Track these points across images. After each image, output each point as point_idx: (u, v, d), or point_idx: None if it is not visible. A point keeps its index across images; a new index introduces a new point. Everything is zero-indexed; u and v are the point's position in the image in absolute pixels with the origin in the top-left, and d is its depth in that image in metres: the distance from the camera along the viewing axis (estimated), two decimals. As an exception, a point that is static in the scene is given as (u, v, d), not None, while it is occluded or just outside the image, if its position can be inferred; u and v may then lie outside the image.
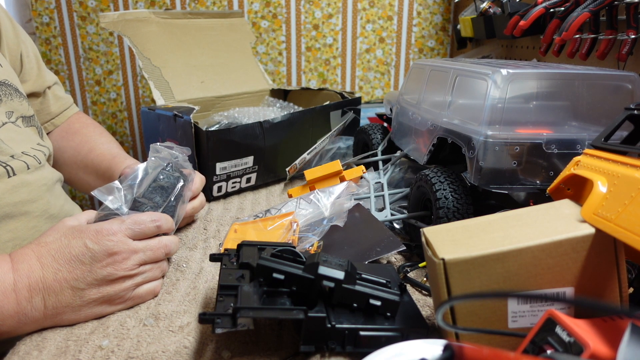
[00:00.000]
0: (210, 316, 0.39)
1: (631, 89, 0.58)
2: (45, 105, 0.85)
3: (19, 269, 0.47)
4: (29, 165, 0.67)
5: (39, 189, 0.68)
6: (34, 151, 0.70)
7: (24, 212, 0.65)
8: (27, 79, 0.80)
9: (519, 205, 0.67)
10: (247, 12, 1.55)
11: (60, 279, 0.47)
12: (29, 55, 0.81)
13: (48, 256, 0.48)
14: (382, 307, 0.44)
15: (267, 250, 0.47)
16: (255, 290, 0.44)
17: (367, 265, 0.55)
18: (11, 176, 0.64)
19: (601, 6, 0.76)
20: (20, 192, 0.65)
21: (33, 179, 0.67)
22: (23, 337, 0.47)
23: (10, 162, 0.64)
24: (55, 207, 0.70)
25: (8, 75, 0.71)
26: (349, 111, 1.06)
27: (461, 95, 0.65)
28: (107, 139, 0.87)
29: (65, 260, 0.47)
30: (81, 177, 0.83)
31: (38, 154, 0.70)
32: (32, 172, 0.67)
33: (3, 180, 0.62)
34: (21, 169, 0.65)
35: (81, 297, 0.48)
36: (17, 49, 0.78)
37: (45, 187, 0.69)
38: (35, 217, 0.66)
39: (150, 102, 1.62)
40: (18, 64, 0.78)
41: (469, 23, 1.19)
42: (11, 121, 0.69)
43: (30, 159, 0.68)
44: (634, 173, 0.38)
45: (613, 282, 0.39)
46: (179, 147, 0.63)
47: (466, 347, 0.28)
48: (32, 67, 0.81)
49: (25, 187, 0.65)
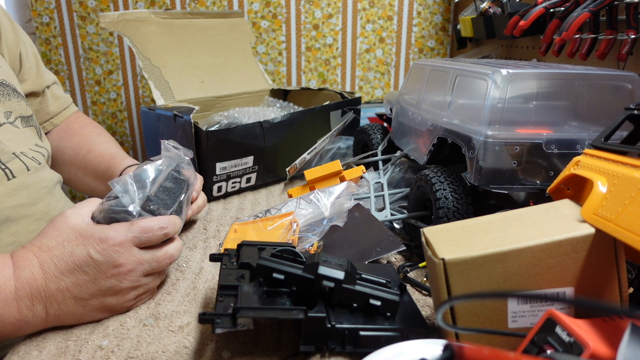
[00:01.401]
0: (210, 316, 0.39)
1: (631, 89, 0.58)
2: (44, 105, 0.84)
3: (21, 276, 0.45)
4: (28, 167, 0.66)
5: (39, 192, 0.67)
6: (33, 152, 0.70)
7: (24, 215, 0.64)
8: (26, 79, 0.80)
9: (519, 205, 0.67)
10: (247, 12, 1.55)
11: (62, 288, 0.46)
12: (28, 55, 0.81)
13: (51, 264, 0.46)
14: (382, 307, 0.44)
15: (267, 250, 0.47)
16: (255, 290, 0.43)
17: (367, 265, 0.55)
18: (10, 179, 0.63)
19: (601, 6, 0.76)
20: (20, 195, 0.64)
21: (33, 182, 0.66)
22: (23, 337, 0.47)
23: (9, 163, 0.64)
24: (55, 209, 0.70)
25: (6, 75, 0.71)
26: (349, 111, 1.05)
27: (461, 95, 0.65)
28: (106, 138, 0.87)
29: (68, 270, 0.46)
30: (80, 177, 0.83)
31: (37, 155, 0.70)
32: (31, 174, 0.66)
33: (2, 183, 0.62)
34: (20, 171, 0.65)
35: (83, 306, 0.47)
36: (16, 48, 0.78)
37: (46, 190, 0.69)
38: (36, 220, 0.66)
39: (150, 102, 1.62)
40: (17, 63, 0.78)
41: (469, 23, 1.19)
42: (9, 122, 0.68)
43: (29, 161, 0.67)
44: (634, 173, 0.38)
45: (613, 282, 0.39)
46: (183, 148, 0.62)
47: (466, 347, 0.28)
48: (31, 67, 0.81)
49: (25, 190, 0.65)
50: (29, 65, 0.80)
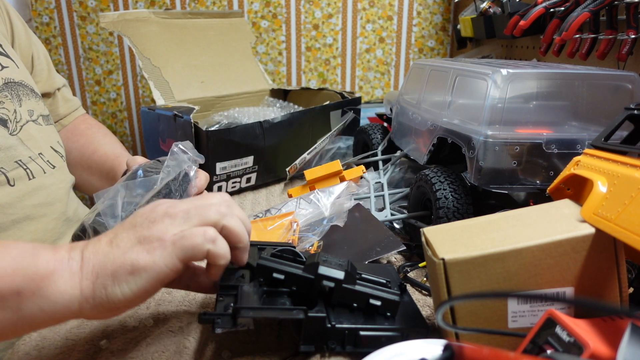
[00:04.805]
0: (211, 316, 0.39)
1: (631, 89, 0.58)
2: (55, 107, 0.85)
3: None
4: (48, 166, 0.68)
5: (57, 192, 0.69)
6: (52, 151, 0.71)
7: (42, 214, 0.66)
8: (38, 80, 0.81)
9: (519, 205, 0.67)
10: (247, 12, 1.55)
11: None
12: (40, 57, 0.82)
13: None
14: (382, 307, 0.44)
15: (267, 250, 0.47)
16: (255, 290, 0.43)
17: (367, 265, 0.55)
18: (31, 179, 0.65)
19: (601, 6, 0.76)
20: (39, 195, 0.66)
21: (50, 182, 0.68)
22: (22, 337, 0.47)
23: (30, 164, 0.65)
24: (70, 209, 0.72)
25: (24, 76, 0.72)
26: (349, 111, 1.05)
27: (461, 95, 0.65)
28: (110, 139, 0.88)
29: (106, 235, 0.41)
30: (85, 177, 0.84)
31: (56, 156, 0.72)
32: (49, 175, 0.68)
33: (24, 182, 0.64)
34: (39, 171, 0.66)
35: (117, 245, 0.39)
36: (28, 50, 0.79)
37: (63, 190, 0.71)
38: (54, 219, 0.68)
39: (150, 102, 1.62)
40: (29, 65, 0.80)
41: (469, 23, 1.19)
42: (32, 119, 0.70)
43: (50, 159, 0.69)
44: (634, 173, 0.38)
45: (613, 282, 0.39)
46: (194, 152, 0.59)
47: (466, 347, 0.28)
48: (43, 69, 0.82)
49: (44, 190, 0.66)
50: (41, 68, 0.81)
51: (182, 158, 0.58)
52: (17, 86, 0.69)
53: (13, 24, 0.77)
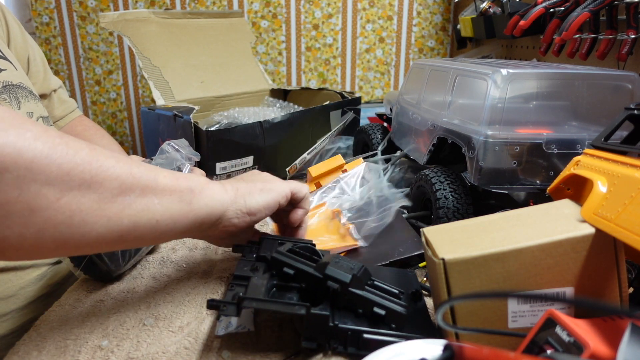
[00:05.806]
0: (218, 303, 0.40)
1: (631, 89, 0.58)
2: (51, 109, 0.85)
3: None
4: None
5: None
6: None
7: None
8: (34, 82, 0.81)
9: (519, 205, 0.67)
10: (247, 12, 1.55)
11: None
12: (36, 59, 0.82)
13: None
14: (386, 317, 0.43)
15: (285, 245, 0.48)
16: (266, 283, 0.44)
17: (388, 271, 0.54)
18: None
19: (601, 6, 0.76)
20: None
21: None
22: (22, 337, 0.47)
23: None
24: None
25: (22, 78, 0.72)
26: (349, 111, 1.05)
27: (461, 95, 0.65)
28: (107, 141, 0.88)
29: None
30: None
31: None
32: None
33: None
34: None
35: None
36: (24, 52, 0.79)
37: None
38: None
39: (150, 102, 1.62)
40: (25, 66, 0.80)
41: (469, 23, 1.19)
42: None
43: None
44: (634, 173, 0.38)
45: (613, 282, 0.39)
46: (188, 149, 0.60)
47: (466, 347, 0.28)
48: (39, 70, 0.82)
49: None
50: (37, 69, 0.81)
51: (174, 156, 0.59)
52: (15, 89, 0.69)
53: (9, 25, 0.77)
